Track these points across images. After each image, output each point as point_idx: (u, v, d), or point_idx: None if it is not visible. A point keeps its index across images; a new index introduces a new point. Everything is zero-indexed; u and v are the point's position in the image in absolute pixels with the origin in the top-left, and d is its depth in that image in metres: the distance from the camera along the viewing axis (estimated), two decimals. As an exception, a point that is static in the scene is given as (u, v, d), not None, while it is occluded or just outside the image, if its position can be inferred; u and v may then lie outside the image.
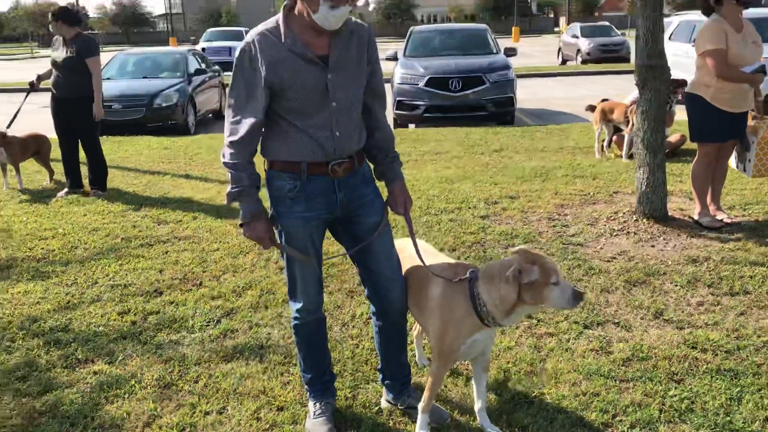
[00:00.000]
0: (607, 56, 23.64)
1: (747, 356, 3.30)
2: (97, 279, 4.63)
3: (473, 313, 2.56)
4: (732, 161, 5.58)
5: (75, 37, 6.84)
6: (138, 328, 3.86)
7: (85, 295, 4.36)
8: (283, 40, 2.44)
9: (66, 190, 7.07)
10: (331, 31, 2.46)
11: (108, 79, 11.97)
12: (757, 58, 5.07)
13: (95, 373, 3.39)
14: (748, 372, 3.15)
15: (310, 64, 2.44)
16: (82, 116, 6.85)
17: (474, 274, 2.61)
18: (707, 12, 5.15)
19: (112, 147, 9.68)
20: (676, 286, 4.16)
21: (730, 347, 3.38)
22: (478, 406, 2.82)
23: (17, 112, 7.45)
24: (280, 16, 2.48)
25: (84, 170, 7.16)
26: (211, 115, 13.64)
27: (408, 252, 2.86)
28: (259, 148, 2.58)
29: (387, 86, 11.96)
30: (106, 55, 14.16)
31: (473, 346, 2.65)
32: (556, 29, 69.43)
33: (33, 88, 7.33)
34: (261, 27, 2.49)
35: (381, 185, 2.76)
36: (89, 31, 56.34)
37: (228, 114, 2.53)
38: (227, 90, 2.59)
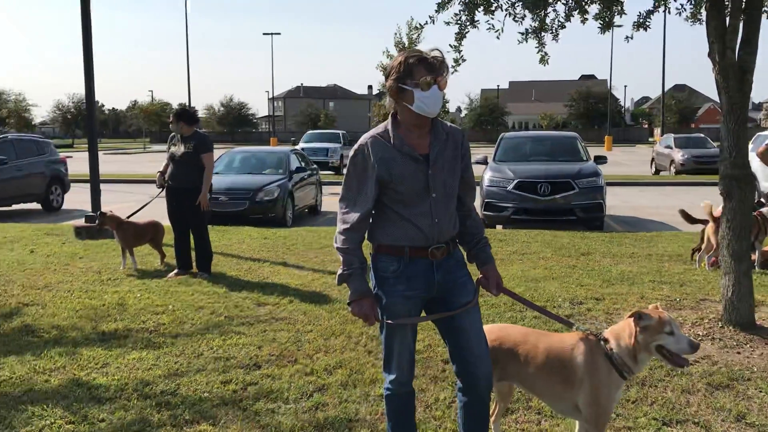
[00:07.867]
0: (702, 168, 23.40)
1: (832, 463, 3.29)
2: (202, 351, 5.04)
3: (613, 368, 2.93)
4: None
5: (192, 135, 7.59)
6: (238, 396, 4.19)
7: (191, 364, 4.76)
8: (391, 142, 2.85)
9: (176, 271, 7.67)
10: (431, 129, 2.87)
11: (217, 173, 12.91)
12: None
13: (200, 432, 3.72)
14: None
15: (415, 161, 2.84)
16: (194, 205, 7.49)
17: (599, 335, 2.99)
18: None
19: (217, 235, 10.39)
20: (761, 392, 4.16)
21: (815, 453, 3.38)
22: None
23: (146, 205, 8.42)
24: (388, 122, 2.91)
25: (193, 255, 7.78)
26: (307, 210, 14.37)
27: (515, 338, 3.17)
28: (366, 234, 2.94)
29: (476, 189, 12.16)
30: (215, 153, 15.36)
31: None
32: (650, 140, 69.08)
33: (164, 185, 7.68)
34: (372, 131, 2.92)
35: (471, 269, 3.05)
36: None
37: (341, 205, 2.93)
38: (342, 184, 2.96)
